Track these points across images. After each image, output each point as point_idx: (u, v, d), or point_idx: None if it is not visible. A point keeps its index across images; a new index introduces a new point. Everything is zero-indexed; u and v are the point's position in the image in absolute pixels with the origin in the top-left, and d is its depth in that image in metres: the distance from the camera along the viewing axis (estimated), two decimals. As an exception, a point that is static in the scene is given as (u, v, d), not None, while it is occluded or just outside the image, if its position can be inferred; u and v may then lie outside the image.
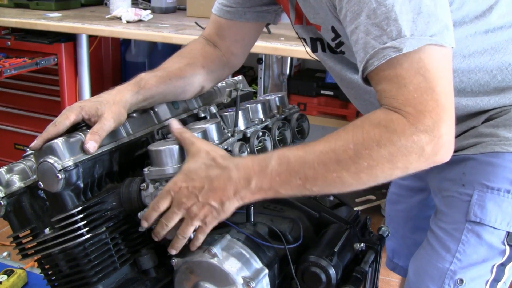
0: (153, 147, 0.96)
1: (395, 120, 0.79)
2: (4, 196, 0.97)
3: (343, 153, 0.81)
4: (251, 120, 1.20)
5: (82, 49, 2.80)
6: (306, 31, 1.12)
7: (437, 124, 0.78)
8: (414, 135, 0.78)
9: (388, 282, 2.35)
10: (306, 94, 2.92)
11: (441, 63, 0.81)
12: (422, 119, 0.77)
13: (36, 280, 1.62)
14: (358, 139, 0.80)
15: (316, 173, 0.83)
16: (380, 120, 0.80)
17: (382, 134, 0.79)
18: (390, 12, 0.80)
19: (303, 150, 0.85)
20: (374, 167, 0.80)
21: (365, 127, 0.81)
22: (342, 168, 0.81)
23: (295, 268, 0.99)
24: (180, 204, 0.90)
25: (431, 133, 0.78)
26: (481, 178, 1.04)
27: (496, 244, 1.04)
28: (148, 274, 1.02)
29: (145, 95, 1.07)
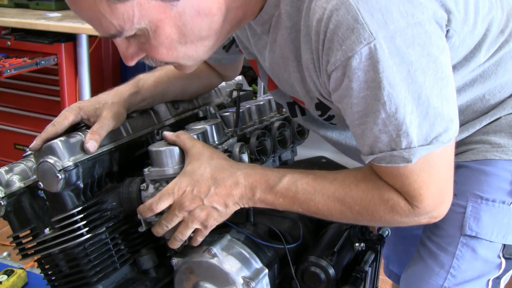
0: (153, 147, 0.96)
1: (402, 206, 0.84)
2: (4, 196, 0.97)
3: (348, 209, 0.86)
4: (251, 121, 1.20)
5: (82, 49, 2.79)
6: (282, 97, 1.05)
7: (438, 207, 0.85)
8: (415, 217, 0.85)
9: (388, 282, 2.35)
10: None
11: (444, 158, 0.83)
12: (426, 207, 0.83)
13: (36, 280, 1.62)
14: (365, 205, 0.85)
15: (318, 210, 0.88)
16: (389, 198, 0.84)
17: (387, 212, 0.85)
18: (401, 125, 0.77)
19: (313, 187, 0.88)
20: (372, 224, 0.89)
21: (375, 199, 0.85)
22: (343, 217, 0.88)
23: (295, 268, 0.99)
24: (182, 207, 0.90)
25: (430, 214, 0.85)
26: (474, 188, 0.99)
27: (492, 258, 1.00)
28: (148, 274, 1.02)
29: (144, 96, 1.07)
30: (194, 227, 0.92)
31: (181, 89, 1.15)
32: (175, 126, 1.12)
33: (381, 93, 0.75)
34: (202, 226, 0.92)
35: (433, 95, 0.77)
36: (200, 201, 0.89)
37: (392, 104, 0.76)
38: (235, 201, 0.90)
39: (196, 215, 0.90)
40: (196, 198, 0.89)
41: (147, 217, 0.94)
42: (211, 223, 0.92)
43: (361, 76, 0.75)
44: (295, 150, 1.31)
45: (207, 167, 0.90)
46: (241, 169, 0.91)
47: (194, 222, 0.91)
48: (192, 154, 0.92)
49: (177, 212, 0.90)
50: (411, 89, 0.76)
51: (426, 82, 0.76)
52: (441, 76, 0.78)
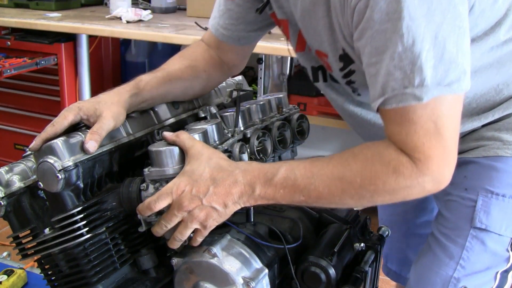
0: (153, 147, 0.96)
1: (404, 163, 0.82)
2: (4, 196, 0.97)
3: (349, 184, 0.85)
4: (251, 121, 1.20)
5: (82, 49, 2.79)
6: (308, 59, 1.09)
7: (441, 168, 0.83)
8: (419, 178, 0.82)
9: (388, 282, 2.35)
10: (306, 94, 2.91)
11: (453, 109, 0.83)
12: (429, 164, 0.82)
13: (36, 280, 1.62)
14: (366, 175, 0.84)
15: (319, 195, 0.86)
16: (390, 159, 0.83)
17: (390, 175, 0.83)
18: (417, 59, 0.78)
19: (311, 171, 0.87)
20: (376, 197, 0.85)
21: (375, 164, 0.84)
22: (345, 195, 0.86)
23: (295, 268, 0.99)
24: (181, 207, 0.90)
25: (435, 176, 0.83)
26: (484, 183, 1.02)
27: (500, 251, 1.03)
28: (148, 274, 1.02)
29: (144, 97, 1.07)
30: (194, 227, 0.92)
31: (182, 90, 1.15)
32: (175, 126, 1.12)
33: (400, 24, 0.77)
34: (201, 226, 0.92)
35: (449, 39, 0.79)
36: (199, 201, 0.89)
37: (409, 36, 0.77)
38: (235, 201, 0.89)
39: (195, 215, 0.90)
40: (195, 198, 0.89)
41: (146, 216, 0.94)
42: (210, 223, 0.92)
43: (383, 7, 0.78)
44: (295, 150, 1.31)
45: (206, 167, 0.90)
46: (239, 167, 0.91)
47: (194, 222, 0.91)
48: (192, 154, 0.92)
49: (176, 212, 0.90)
50: (429, 27, 0.77)
51: (444, 24, 0.78)
52: (458, 25, 0.80)
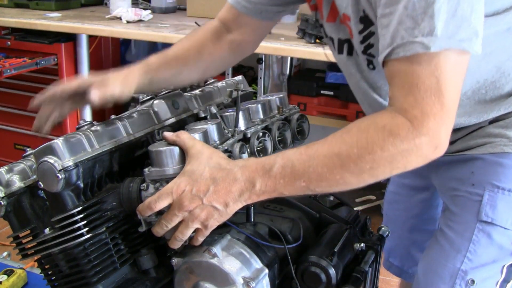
0: (153, 147, 0.96)
1: (400, 124, 0.82)
2: (4, 196, 0.97)
3: (347, 157, 0.83)
4: (251, 121, 1.20)
5: (82, 49, 2.80)
6: (336, 30, 1.09)
7: (438, 127, 0.81)
8: (416, 138, 0.81)
9: (388, 282, 2.35)
10: (306, 94, 2.92)
11: (457, 68, 0.83)
12: (426, 121, 0.81)
13: (36, 280, 1.62)
14: (362, 144, 0.83)
15: (320, 176, 0.85)
16: (385, 123, 0.83)
17: (386, 139, 0.82)
18: (429, 8, 0.80)
19: (307, 154, 0.86)
20: (376, 168, 0.83)
21: (370, 132, 0.83)
22: (345, 171, 0.84)
23: (295, 268, 0.99)
24: (182, 207, 0.89)
25: (432, 136, 0.81)
26: (491, 178, 1.04)
27: (506, 244, 1.05)
28: (148, 274, 1.02)
29: (151, 79, 1.13)
30: (195, 227, 0.92)
31: (188, 74, 1.22)
32: (175, 126, 1.12)
33: None
34: (202, 226, 0.92)
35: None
36: (199, 200, 0.89)
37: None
38: (236, 199, 0.88)
39: (196, 215, 0.90)
40: (196, 198, 0.89)
41: (146, 216, 0.93)
42: (211, 223, 0.91)
43: None
44: (295, 150, 1.31)
45: (206, 166, 0.90)
46: (238, 165, 0.90)
47: (195, 222, 0.91)
48: (192, 154, 0.92)
49: (177, 212, 0.90)
50: None
51: None
52: None
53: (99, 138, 0.99)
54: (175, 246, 0.95)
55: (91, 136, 0.97)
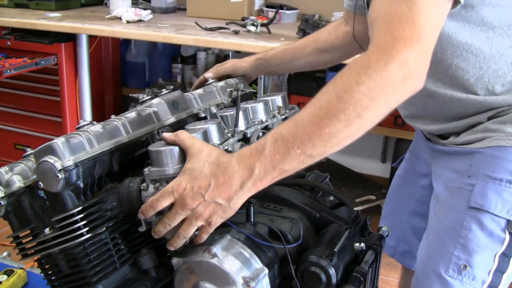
0: (153, 147, 0.96)
1: (370, 55, 0.83)
2: (4, 196, 0.97)
3: (328, 105, 0.83)
4: (251, 121, 1.20)
5: (82, 49, 2.80)
6: None
7: (408, 53, 0.82)
8: (388, 64, 0.81)
9: (388, 282, 2.35)
10: (306, 94, 2.92)
11: (432, 3, 0.85)
12: (395, 45, 0.82)
13: (36, 280, 1.62)
14: (339, 85, 0.83)
15: (310, 135, 0.84)
16: (356, 61, 0.85)
17: (359, 72, 0.82)
18: None
19: (292, 121, 0.87)
20: (359, 108, 0.82)
21: (344, 72, 0.84)
22: (332, 120, 0.83)
23: (295, 268, 0.99)
24: (185, 205, 0.89)
25: (401, 61, 0.81)
26: (485, 170, 1.09)
27: (496, 231, 1.08)
28: (148, 274, 1.02)
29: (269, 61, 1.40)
30: (198, 225, 0.91)
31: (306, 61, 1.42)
32: (175, 126, 1.12)
33: None
34: (206, 223, 0.91)
35: None
36: (201, 197, 0.88)
37: None
38: (238, 191, 0.88)
39: (200, 213, 0.89)
40: (197, 195, 0.88)
41: (148, 215, 0.93)
42: (215, 220, 0.90)
43: None
44: (295, 150, 1.31)
45: (206, 163, 0.89)
46: (234, 157, 0.90)
47: (198, 220, 0.90)
48: (191, 153, 0.92)
49: (180, 210, 0.89)
50: None
51: None
52: None
53: (99, 138, 0.99)
54: (178, 245, 0.94)
55: (91, 136, 0.97)
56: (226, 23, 2.68)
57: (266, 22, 2.63)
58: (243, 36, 2.50)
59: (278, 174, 0.87)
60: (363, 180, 3.11)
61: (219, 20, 2.77)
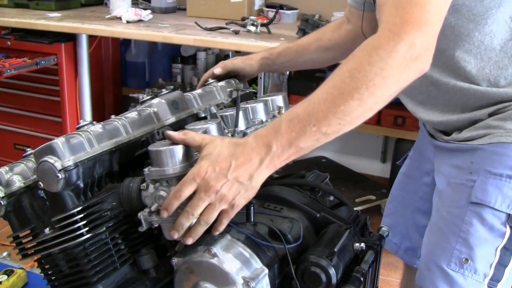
0: (153, 147, 0.96)
1: (381, 36, 0.88)
2: (4, 196, 0.97)
3: (342, 84, 0.87)
4: (251, 121, 1.20)
5: (82, 49, 2.80)
6: None
7: (416, 33, 0.86)
8: (398, 45, 0.86)
9: (388, 282, 2.35)
10: (306, 94, 2.90)
11: None
12: (404, 27, 0.86)
13: (36, 280, 1.62)
14: (351, 66, 0.88)
15: (325, 113, 0.88)
16: (367, 42, 0.89)
17: (370, 53, 0.87)
18: None
19: (307, 100, 0.90)
20: (371, 87, 0.86)
21: (356, 54, 0.88)
22: (345, 98, 0.87)
23: (295, 268, 0.99)
24: (209, 188, 0.88)
25: (409, 42, 0.86)
26: (486, 165, 1.12)
27: (497, 225, 1.10)
28: (148, 274, 1.02)
29: (274, 60, 1.41)
30: (222, 208, 0.91)
31: (309, 59, 1.44)
32: (175, 126, 1.12)
33: None
34: (229, 206, 0.91)
35: None
36: (224, 177, 0.88)
37: None
38: (258, 168, 0.89)
39: (224, 194, 0.89)
40: (220, 176, 0.88)
41: (173, 209, 0.91)
42: (238, 201, 0.91)
43: None
44: (295, 150, 1.31)
45: (223, 146, 0.91)
46: (251, 137, 0.92)
47: (222, 203, 0.90)
48: (205, 143, 0.93)
49: (204, 195, 0.89)
50: None
51: None
52: None
53: (99, 138, 0.99)
54: (199, 233, 0.93)
55: (91, 136, 0.97)
56: (226, 23, 2.68)
57: (266, 22, 2.63)
58: (243, 36, 2.50)
59: (295, 151, 0.89)
60: (363, 180, 3.11)
61: (219, 20, 2.77)
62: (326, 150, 3.33)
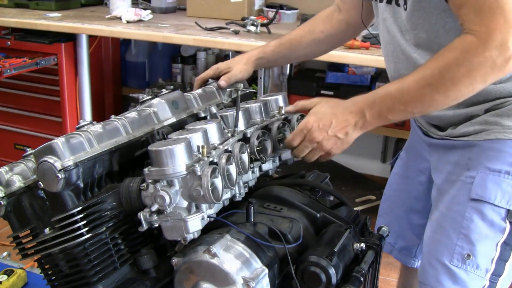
0: (153, 147, 0.96)
1: (469, 41, 0.97)
2: (4, 196, 0.97)
3: (431, 78, 1.01)
4: (251, 120, 1.20)
5: (82, 49, 2.79)
6: None
7: (505, 39, 0.95)
8: (486, 52, 0.96)
9: (388, 282, 2.35)
10: (306, 94, 2.91)
11: None
12: (492, 35, 0.95)
13: (36, 280, 1.62)
14: (441, 64, 1.00)
15: (413, 97, 1.03)
16: (457, 45, 0.99)
17: (458, 56, 0.98)
18: None
19: (400, 83, 1.05)
20: (457, 84, 0.99)
21: (446, 54, 1.00)
22: (432, 90, 1.01)
23: (295, 268, 0.99)
24: (312, 139, 1.11)
25: (500, 47, 0.95)
26: (484, 161, 1.14)
27: (497, 221, 1.12)
28: (148, 274, 1.02)
29: (268, 59, 1.44)
30: (320, 154, 1.13)
31: (303, 52, 1.46)
32: (175, 126, 1.12)
33: None
34: (326, 153, 1.13)
35: None
36: (325, 132, 1.10)
37: None
38: (353, 127, 1.09)
39: (323, 145, 1.11)
40: (322, 131, 1.10)
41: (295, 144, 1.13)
42: (334, 150, 1.12)
43: None
44: (295, 150, 1.31)
45: (327, 106, 1.12)
46: (351, 101, 1.10)
47: (321, 151, 1.12)
48: (313, 103, 1.15)
49: (308, 144, 1.12)
50: None
51: None
52: None
53: (99, 138, 0.99)
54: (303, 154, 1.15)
55: (91, 136, 0.97)
56: (226, 23, 2.68)
57: (266, 22, 2.63)
58: (243, 36, 2.50)
59: (383, 121, 1.09)
60: (363, 180, 3.11)
61: (219, 20, 2.77)
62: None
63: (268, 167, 1.21)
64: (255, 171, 1.16)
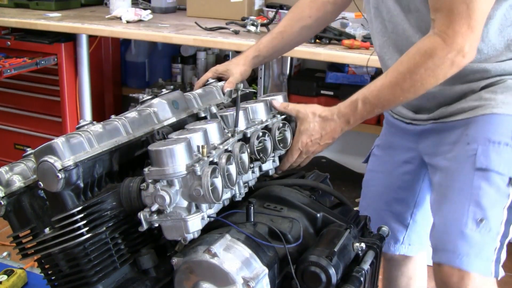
0: (153, 147, 0.96)
1: (437, 45, 1.09)
2: (4, 196, 0.97)
3: (403, 83, 1.14)
4: (251, 120, 1.20)
5: (82, 49, 2.79)
6: None
7: (463, 43, 1.08)
8: (449, 53, 1.09)
9: (388, 282, 2.35)
10: (306, 94, 2.92)
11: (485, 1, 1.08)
12: (456, 39, 1.08)
13: (36, 280, 1.62)
14: (411, 69, 1.13)
15: (389, 101, 1.19)
16: (426, 49, 1.11)
17: (427, 61, 1.11)
18: None
19: (377, 89, 1.18)
20: (424, 84, 1.13)
21: (416, 58, 1.12)
22: (405, 92, 1.15)
23: (295, 268, 0.99)
24: (308, 152, 1.27)
25: (459, 50, 1.08)
26: (483, 134, 1.21)
27: (503, 187, 1.19)
28: (148, 274, 1.02)
29: (264, 56, 1.48)
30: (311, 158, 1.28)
31: (295, 41, 1.52)
32: (175, 126, 1.12)
33: None
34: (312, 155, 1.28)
35: None
36: (317, 144, 1.26)
37: None
38: (339, 133, 1.25)
39: (316, 152, 1.27)
40: (315, 144, 1.26)
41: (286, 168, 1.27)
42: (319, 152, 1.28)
43: None
44: (295, 150, 1.31)
45: (315, 123, 1.24)
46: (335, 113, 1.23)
47: (311, 156, 1.28)
48: (300, 117, 1.25)
49: (304, 155, 1.27)
50: None
51: None
52: None
53: (99, 138, 0.99)
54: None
55: (91, 136, 0.98)
56: (226, 23, 2.68)
57: (266, 22, 2.63)
58: (243, 36, 2.50)
59: (362, 121, 1.23)
60: (363, 180, 3.11)
61: (219, 20, 2.77)
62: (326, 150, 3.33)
63: (268, 167, 1.21)
64: (255, 171, 1.16)
